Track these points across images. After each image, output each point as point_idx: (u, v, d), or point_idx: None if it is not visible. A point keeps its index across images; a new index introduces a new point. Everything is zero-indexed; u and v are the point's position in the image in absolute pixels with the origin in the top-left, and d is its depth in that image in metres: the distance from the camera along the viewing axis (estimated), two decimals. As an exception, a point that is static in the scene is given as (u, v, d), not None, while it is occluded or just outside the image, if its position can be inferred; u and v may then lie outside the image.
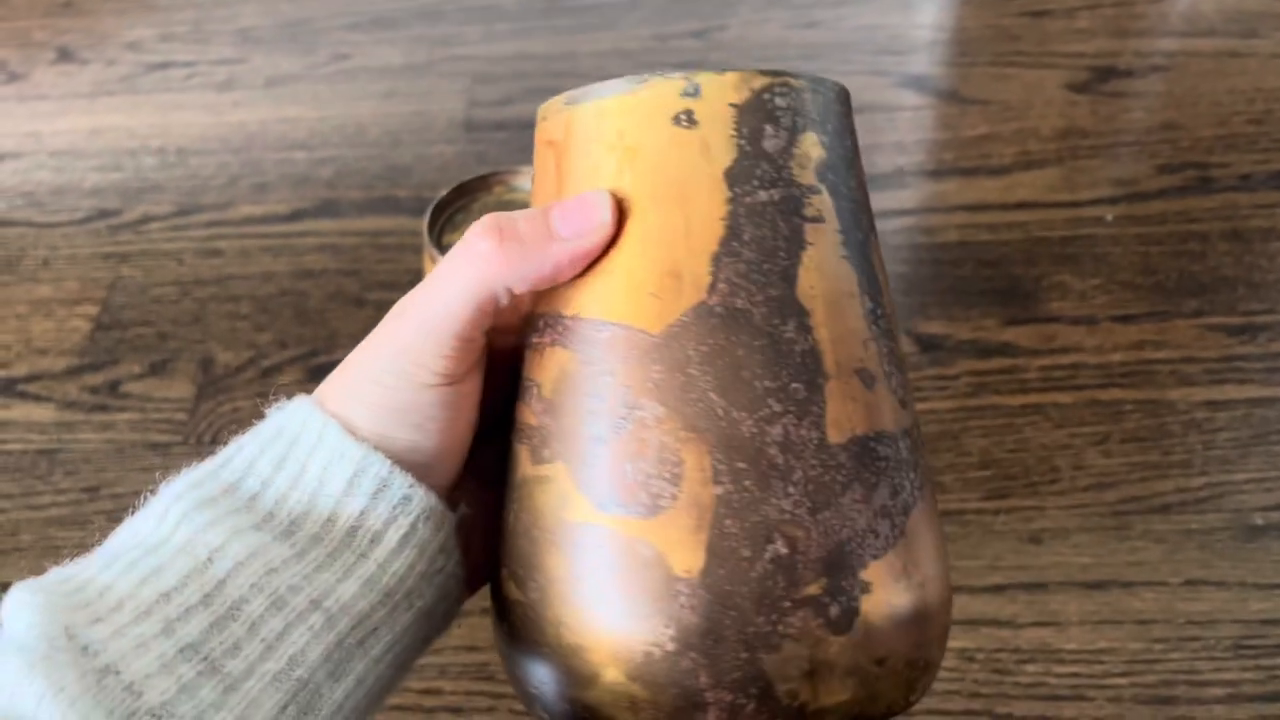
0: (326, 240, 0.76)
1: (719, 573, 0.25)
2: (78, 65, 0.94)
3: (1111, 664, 0.50)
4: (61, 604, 0.25)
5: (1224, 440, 0.58)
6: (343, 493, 0.27)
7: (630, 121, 0.27)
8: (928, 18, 0.91)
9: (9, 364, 0.69)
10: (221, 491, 0.27)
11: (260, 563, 0.26)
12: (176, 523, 0.26)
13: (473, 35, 0.93)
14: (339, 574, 0.27)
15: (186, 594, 0.25)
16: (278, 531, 0.27)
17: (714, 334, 0.26)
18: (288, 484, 0.27)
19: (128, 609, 0.25)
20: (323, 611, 0.26)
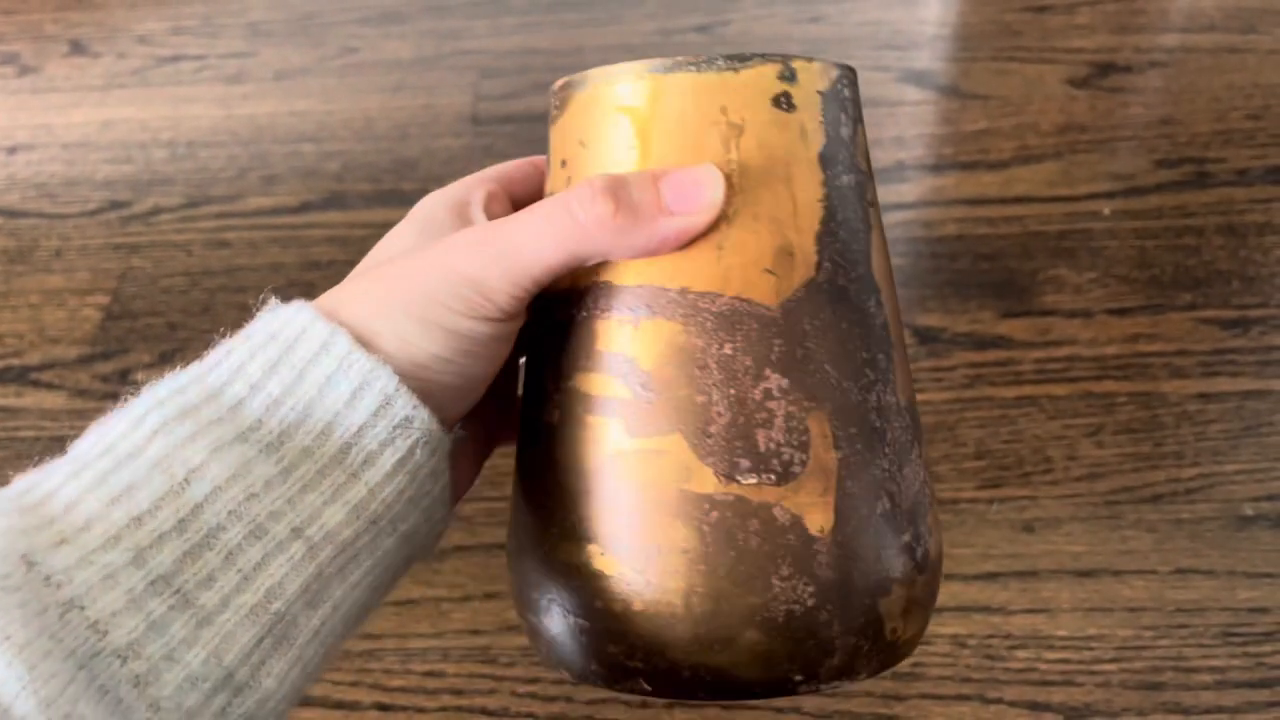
0: (334, 232, 0.77)
1: (846, 530, 0.27)
2: (90, 58, 0.96)
3: (1101, 650, 0.51)
4: (21, 524, 0.23)
5: (1215, 432, 0.59)
6: (344, 405, 0.26)
7: (734, 100, 0.27)
8: (930, 13, 0.91)
9: (22, 353, 0.70)
10: (205, 398, 0.25)
11: (240, 486, 0.24)
12: (153, 431, 0.25)
13: (480, 29, 0.94)
14: (326, 495, 0.25)
15: (160, 518, 0.23)
16: (264, 444, 0.25)
17: (824, 309, 0.27)
18: (281, 390, 0.26)
19: (96, 531, 0.23)
20: (304, 540, 0.25)
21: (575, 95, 0.29)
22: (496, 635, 0.54)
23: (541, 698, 0.52)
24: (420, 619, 0.55)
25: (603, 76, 0.28)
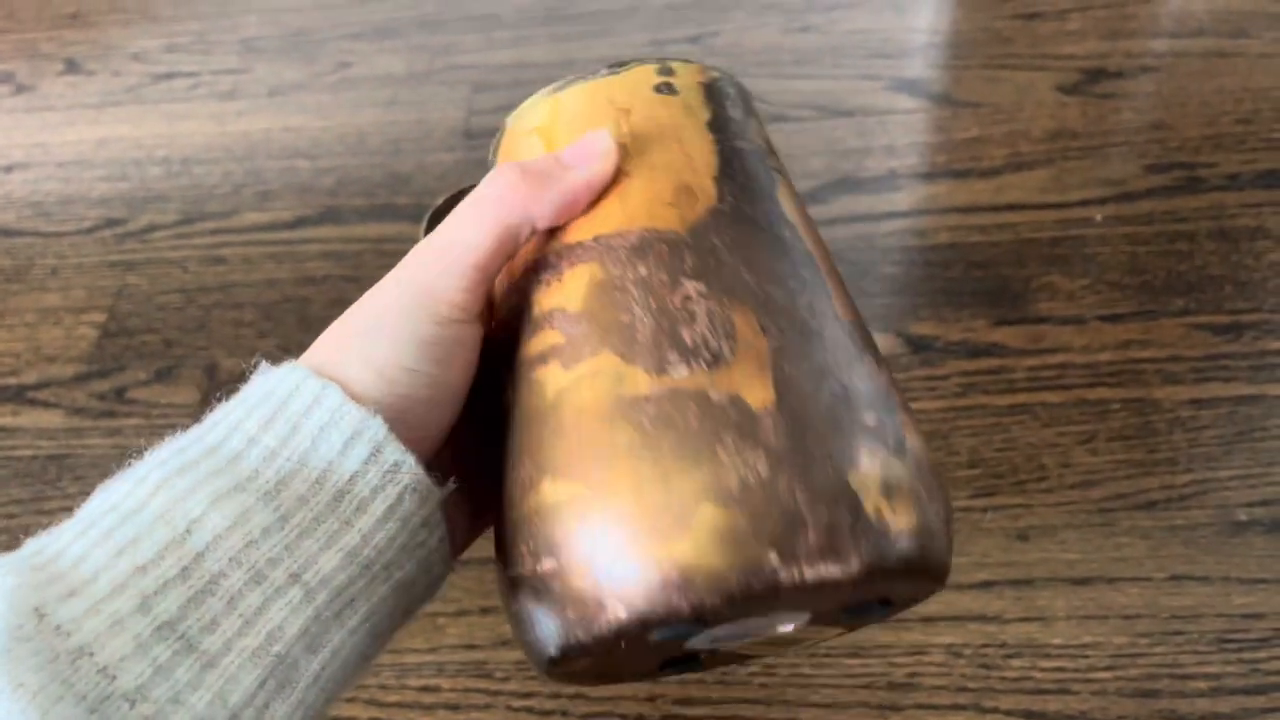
0: (329, 247, 0.77)
1: (791, 402, 0.26)
2: (84, 76, 0.96)
3: (1096, 658, 0.51)
4: (31, 580, 0.24)
5: (1209, 438, 0.59)
6: (337, 454, 0.27)
7: (618, 91, 0.31)
8: (921, 21, 0.92)
9: (19, 371, 0.70)
10: (203, 453, 0.26)
11: (240, 534, 0.25)
12: (155, 487, 0.26)
13: (472, 44, 0.95)
14: (321, 542, 0.26)
15: (164, 567, 0.25)
16: (261, 493, 0.26)
17: (732, 229, 0.29)
18: (276, 442, 0.27)
19: (103, 581, 0.24)
20: (301, 585, 0.26)
21: (501, 139, 0.32)
22: (492, 650, 0.54)
23: (537, 712, 0.52)
24: (415, 634, 0.55)
25: (515, 113, 0.32)
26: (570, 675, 0.29)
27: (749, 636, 0.29)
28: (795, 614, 0.28)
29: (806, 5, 0.94)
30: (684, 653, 0.29)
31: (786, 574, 0.25)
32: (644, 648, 0.27)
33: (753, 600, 0.25)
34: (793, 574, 0.25)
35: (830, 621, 0.30)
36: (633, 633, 0.26)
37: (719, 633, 0.27)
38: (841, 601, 0.27)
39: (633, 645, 0.27)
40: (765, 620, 0.28)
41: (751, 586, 0.25)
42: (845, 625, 0.31)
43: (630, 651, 0.27)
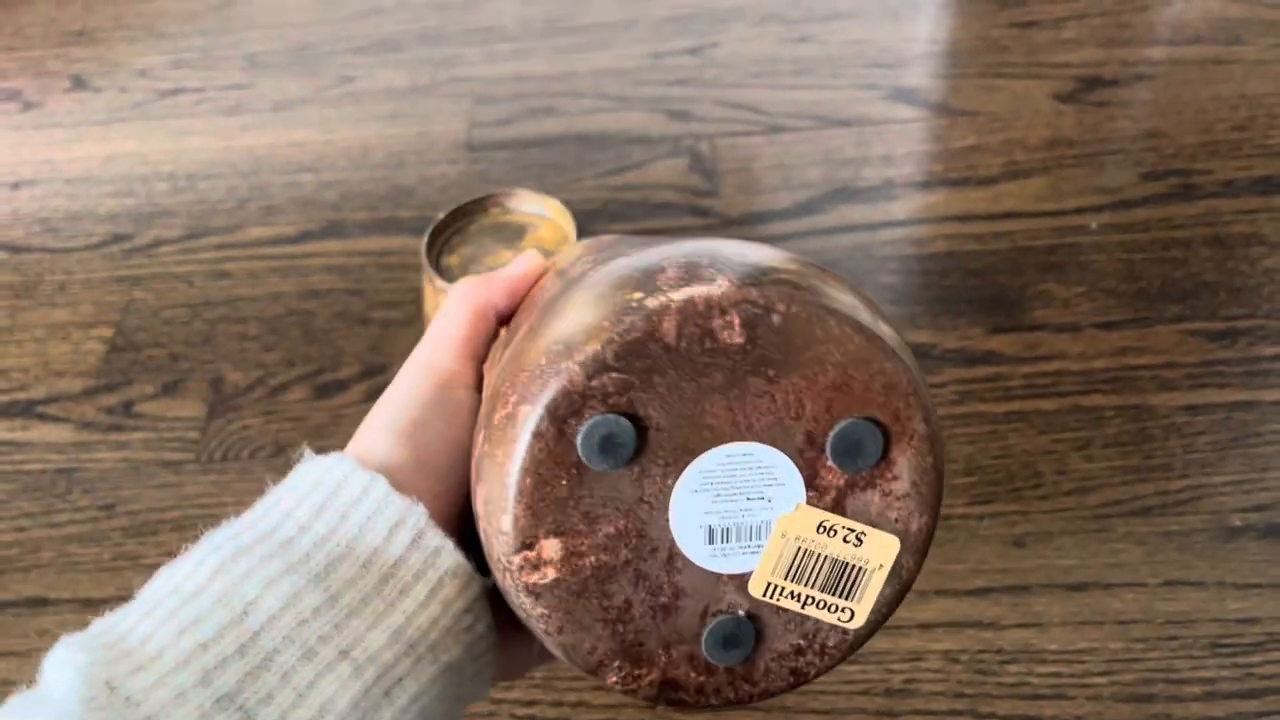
0: (332, 261, 0.78)
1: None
2: (91, 93, 0.97)
3: (1092, 663, 0.52)
4: (103, 657, 0.26)
5: (1203, 444, 0.60)
6: (382, 541, 0.29)
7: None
8: (918, 30, 0.92)
9: (28, 386, 0.71)
10: (258, 538, 0.29)
11: (292, 614, 0.28)
12: (214, 571, 0.28)
13: (474, 56, 0.96)
14: (369, 621, 0.28)
15: (223, 644, 0.27)
16: (311, 575, 0.28)
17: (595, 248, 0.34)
18: (326, 529, 0.29)
19: (168, 658, 0.26)
20: (350, 661, 0.28)
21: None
22: (495, 659, 0.55)
23: (540, 720, 0.53)
24: (420, 644, 0.56)
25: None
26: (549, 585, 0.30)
27: (761, 535, 0.29)
28: (761, 448, 0.28)
29: (804, 16, 0.95)
30: (729, 611, 0.29)
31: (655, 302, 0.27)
32: (650, 581, 0.28)
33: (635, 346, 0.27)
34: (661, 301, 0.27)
35: (833, 495, 0.29)
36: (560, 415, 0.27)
37: (715, 510, 0.28)
38: (802, 425, 0.28)
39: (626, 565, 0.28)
40: (748, 471, 0.28)
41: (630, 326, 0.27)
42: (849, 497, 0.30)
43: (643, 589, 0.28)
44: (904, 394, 0.28)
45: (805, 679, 0.30)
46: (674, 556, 0.29)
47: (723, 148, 0.83)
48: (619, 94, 0.90)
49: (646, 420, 0.28)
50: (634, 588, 0.29)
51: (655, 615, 0.29)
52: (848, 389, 0.28)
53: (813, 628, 0.30)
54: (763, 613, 0.29)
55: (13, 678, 0.55)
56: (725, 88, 0.89)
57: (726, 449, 0.28)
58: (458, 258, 0.62)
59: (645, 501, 0.28)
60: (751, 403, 0.28)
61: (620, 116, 0.87)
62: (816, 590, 0.29)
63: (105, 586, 0.59)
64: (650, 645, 0.29)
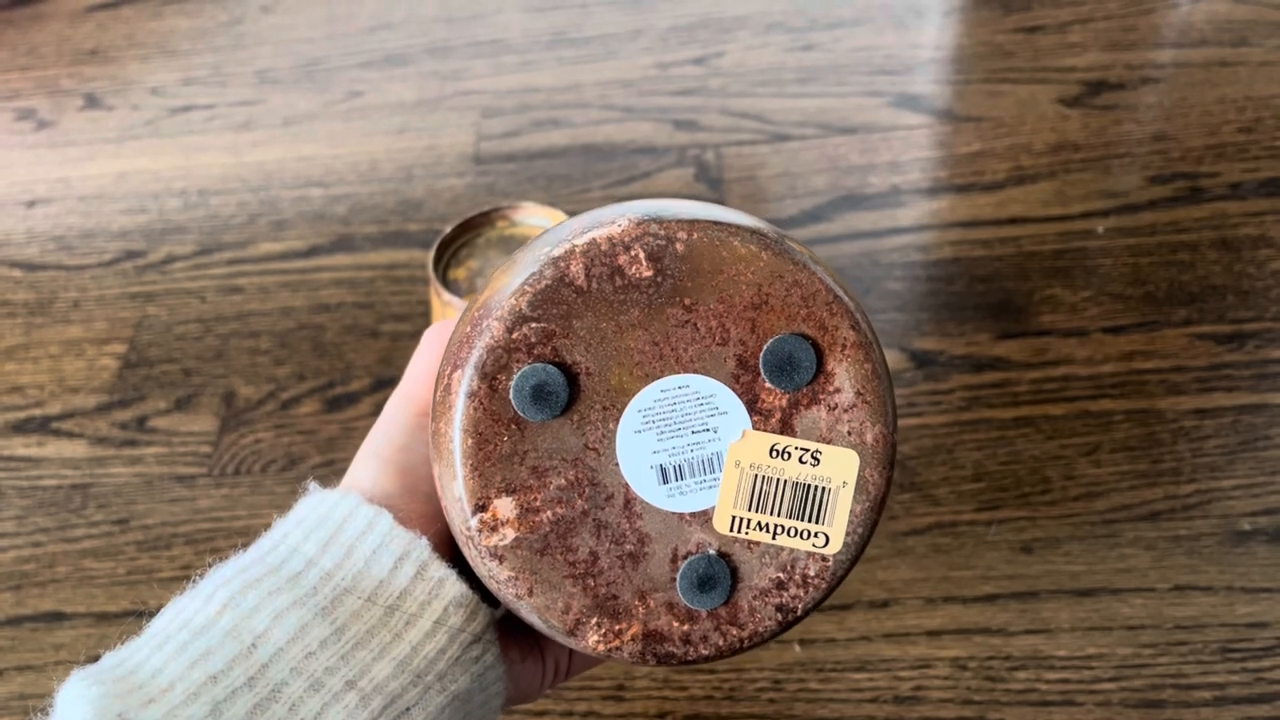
0: (342, 275, 0.79)
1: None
2: (104, 111, 0.98)
3: (1101, 669, 0.52)
4: (115, 690, 0.27)
5: (1212, 447, 0.60)
6: (388, 573, 0.30)
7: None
8: (923, 37, 0.93)
9: (43, 402, 0.72)
10: (266, 572, 0.30)
11: (299, 646, 0.28)
12: (223, 606, 0.29)
13: (480, 69, 0.96)
14: (375, 652, 0.29)
15: (232, 677, 0.27)
16: (318, 609, 0.29)
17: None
18: (332, 564, 0.30)
19: (178, 690, 0.27)
20: (357, 691, 0.28)
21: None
22: (505, 669, 0.55)
23: (550, 730, 0.53)
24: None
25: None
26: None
27: (714, 468, 0.29)
28: (696, 378, 0.29)
29: (809, 24, 0.96)
30: (698, 552, 0.29)
31: (561, 250, 0.28)
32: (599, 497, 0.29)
33: (548, 294, 0.28)
34: (566, 248, 0.28)
35: (778, 417, 0.29)
36: (488, 372, 0.28)
37: (663, 448, 0.29)
38: (730, 349, 0.28)
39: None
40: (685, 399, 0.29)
41: (539, 274, 0.28)
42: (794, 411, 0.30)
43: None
44: (825, 302, 0.28)
45: (794, 615, 0.29)
46: (630, 501, 0.29)
47: (729, 156, 0.84)
48: (625, 104, 0.90)
49: (575, 366, 0.28)
50: (596, 539, 0.29)
51: (624, 565, 0.29)
52: (767, 306, 0.28)
53: (789, 558, 0.29)
54: (734, 549, 0.29)
55: (29, 691, 0.56)
56: (731, 97, 0.89)
57: (660, 384, 0.28)
58: (464, 271, 0.62)
59: (591, 449, 0.29)
60: (675, 334, 0.28)
61: (626, 127, 0.88)
62: (783, 518, 0.29)
63: (120, 600, 0.60)
64: (625, 597, 0.29)
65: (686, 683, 0.53)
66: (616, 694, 0.53)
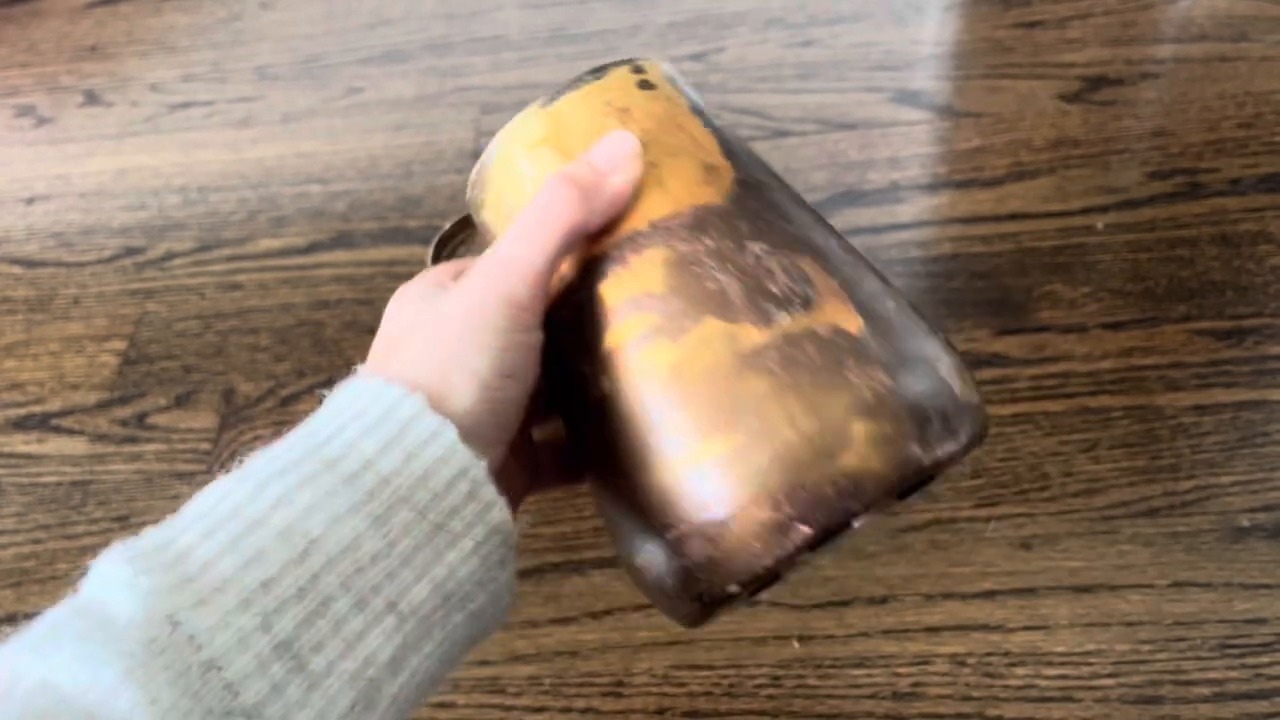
0: (342, 271, 0.79)
1: (877, 322, 0.31)
2: (104, 108, 0.98)
3: (1099, 665, 0.52)
4: (164, 583, 0.25)
5: (1211, 444, 0.60)
6: (443, 488, 0.29)
7: (612, 94, 0.34)
8: (923, 33, 0.92)
9: (44, 400, 0.72)
10: (321, 468, 0.28)
11: (350, 560, 0.27)
12: (276, 500, 0.27)
13: (480, 65, 0.96)
14: (416, 572, 0.28)
15: (283, 585, 0.26)
16: (372, 518, 0.28)
17: (759, 194, 0.34)
18: (390, 470, 0.28)
19: (230, 594, 0.26)
20: (396, 614, 0.28)
21: (493, 161, 0.34)
22: (505, 665, 0.56)
23: (549, 726, 0.53)
24: (431, 651, 0.56)
25: (505, 133, 0.34)
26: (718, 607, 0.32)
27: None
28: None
29: (809, 20, 0.95)
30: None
31: (928, 458, 0.29)
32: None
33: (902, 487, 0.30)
34: (932, 456, 0.29)
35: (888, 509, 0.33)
36: (814, 545, 0.30)
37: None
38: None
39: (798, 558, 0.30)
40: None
41: (906, 477, 0.29)
42: (892, 511, 0.35)
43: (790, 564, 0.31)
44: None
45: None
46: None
47: (728, 153, 0.83)
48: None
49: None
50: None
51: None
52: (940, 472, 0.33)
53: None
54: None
55: (30, 688, 0.56)
56: (730, 93, 0.89)
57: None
58: (464, 268, 0.62)
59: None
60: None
61: (626, 123, 0.88)
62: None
63: (120, 597, 0.60)
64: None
65: (685, 679, 0.53)
66: (615, 690, 0.53)
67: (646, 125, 0.34)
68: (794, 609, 0.55)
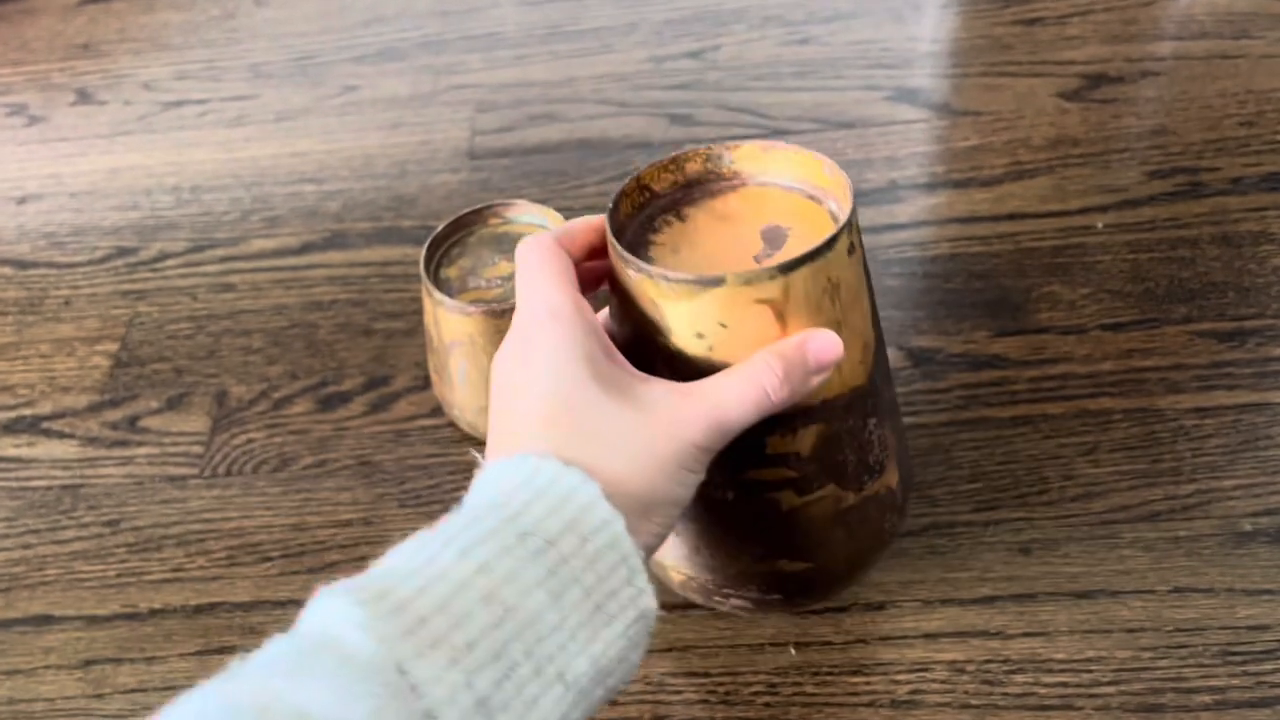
0: (335, 272, 0.78)
1: (904, 475, 0.48)
2: (96, 106, 0.98)
3: (1100, 672, 0.51)
4: (392, 632, 0.29)
5: (1213, 447, 0.59)
6: (608, 571, 0.33)
7: (834, 268, 0.39)
8: (921, 30, 0.92)
9: (34, 402, 0.72)
10: (515, 540, 0.32)
11: (534, 630, 0.31)
12: (478, 568, 0.31)
13: (475, 64, 0.96)
14: (581, 645, 0.32)
15: (483, 648, 0.30)
16: (553, 593, 0.32)
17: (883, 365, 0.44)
18: (569, 550, 0.32)
19: (443, 651, 0.29)
20: (563, 684, 0.31)
21: (708, 290, 0.37)
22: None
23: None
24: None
25: (739, 277, 0.37)
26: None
27: None
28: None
29: (806, 17, 0.95)
30: None
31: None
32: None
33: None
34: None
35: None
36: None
37: None
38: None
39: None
40: None
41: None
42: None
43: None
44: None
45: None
46: None
47: (725, 152, 0.83)
48: (620, 99, 0.89)
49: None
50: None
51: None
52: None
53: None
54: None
55: (19, 696, 0.55)
56: (727, 91, 0.88)
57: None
58: (456, 269, 0.61)
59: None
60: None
61: (621, 121, 0.87)
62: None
63: (110, 604, 0.59)
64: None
65: (680, 686, 0.53)
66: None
67: (845, 299, 0.40)
68: (790, 615, 0.54)
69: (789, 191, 0.43)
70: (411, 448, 0.65)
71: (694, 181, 0.44)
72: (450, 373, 0.61)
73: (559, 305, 0.36)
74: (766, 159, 0.44)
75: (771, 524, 0.43)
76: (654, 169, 0.43)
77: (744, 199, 0.43)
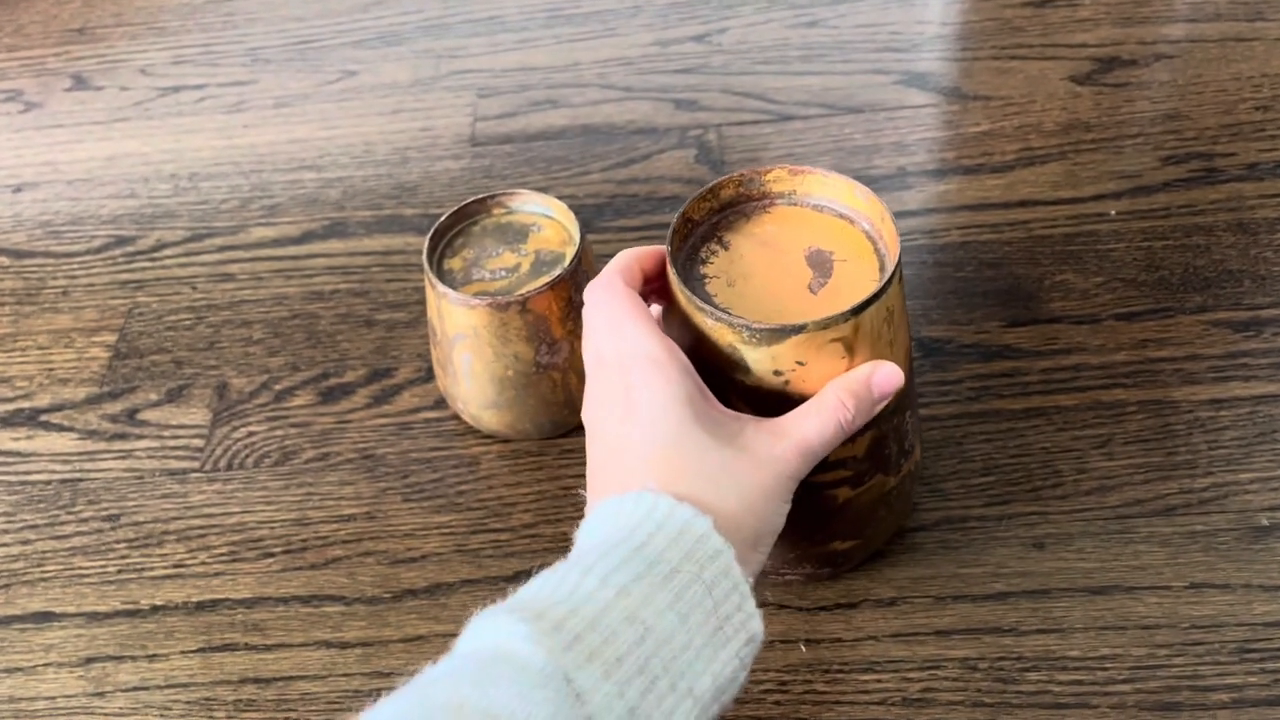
0: (336, 261, 0.77)
1: (915, 456, 0.53)
2: (92, 92, 0.96)
3: (1115, 670, 0.50)
4: (557, 645, 0.33)
5: (1229, 439, 0.58)
6: (723, 597, 0.36)
7: (893, 299, 0.43)
8: (930, 13, 0.90)
9: (32, 395, 0.71)
10: (646, 568, 0.36)
11: (669, 648, 0.34)
12: (618, 592, 0.35)
13: (477, 48, 0.94)
14: (704, 663, 0.35)
15: (629, 662, 0.33)
16: (681, 614, 0.35)
17: (910, 359, 0.49)
18: (690, 577, 0.36)
19: (597, 664, 0.33)
20: (692, 698, 0.34)
21: (789, 337, 0.41)
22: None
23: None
24: (429, 654, 0.55)
25: (817, 323, 0.41)
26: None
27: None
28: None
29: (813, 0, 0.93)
30: None
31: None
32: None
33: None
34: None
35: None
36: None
37: None
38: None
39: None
40: None
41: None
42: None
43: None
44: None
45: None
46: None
47: (731, 137, 0.82)
48: (624, 84, 0.88)
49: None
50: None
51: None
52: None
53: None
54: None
55: (19, 694, 0.55)
56: (733, 75, 0.87)
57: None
58: (460, 260, 0.60)
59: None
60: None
61: (626, 107, 0.86)
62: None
63: (110, 600, 0.58)
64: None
65: (690, 685, 0.52)
66: (618, 696, 0.52)
67: (896, 320, 0.44)
68: (801, 612, 0.54)
69: (820, 211, 0.47)
70: (415, 441, 0.64)
71: (727, 205, 0.47)
72: (454, 365, 0.60)
73: (656, 352, 0.40)
74: (794, 182, 0.47)
75: (829, 515, 0.48)
76: (695, 202, 0.46)
77: (778, 221, 0.47)
